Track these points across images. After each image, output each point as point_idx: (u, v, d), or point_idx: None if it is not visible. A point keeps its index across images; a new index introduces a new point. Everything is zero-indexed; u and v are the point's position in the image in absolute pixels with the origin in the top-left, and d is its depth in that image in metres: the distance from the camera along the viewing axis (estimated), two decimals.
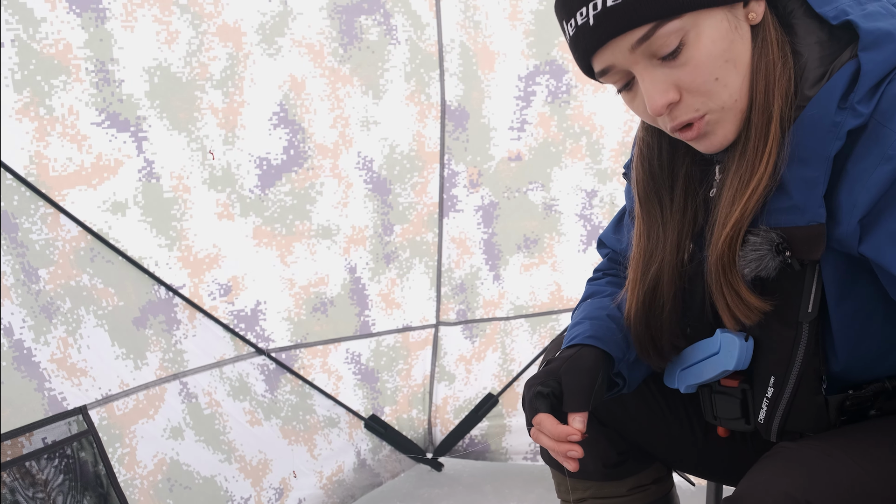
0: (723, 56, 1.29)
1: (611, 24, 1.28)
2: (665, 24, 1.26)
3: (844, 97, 1.25)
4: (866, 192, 1.23)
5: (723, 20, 1.29)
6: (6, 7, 2.28)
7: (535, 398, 1.52)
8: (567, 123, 3.12)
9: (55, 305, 2.46)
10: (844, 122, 1.24)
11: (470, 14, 2.98)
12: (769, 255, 1.33)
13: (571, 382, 1.51)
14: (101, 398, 2.55)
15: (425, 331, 3.26)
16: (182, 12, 2.57)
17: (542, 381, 1.53)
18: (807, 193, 1.29)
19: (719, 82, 1.31)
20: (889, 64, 1.25)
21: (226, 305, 2.83)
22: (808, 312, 1.37)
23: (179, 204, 2.68)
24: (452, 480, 3.33)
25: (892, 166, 1.20)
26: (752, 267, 1.35)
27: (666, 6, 1.25)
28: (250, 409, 2.92)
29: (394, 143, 3.01)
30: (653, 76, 1.31)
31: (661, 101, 1.31)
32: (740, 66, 1.32)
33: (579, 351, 1.57)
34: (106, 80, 2.48)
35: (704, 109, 1.33)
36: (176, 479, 2.71)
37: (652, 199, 1.54)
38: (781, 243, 1.33)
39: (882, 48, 1.25)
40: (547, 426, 1.48)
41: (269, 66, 2.74)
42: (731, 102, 1.33)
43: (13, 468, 2.36)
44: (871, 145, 1.23)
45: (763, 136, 1.32)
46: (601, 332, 1.60)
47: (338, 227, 2.98)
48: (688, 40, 1.28)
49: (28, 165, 2.39)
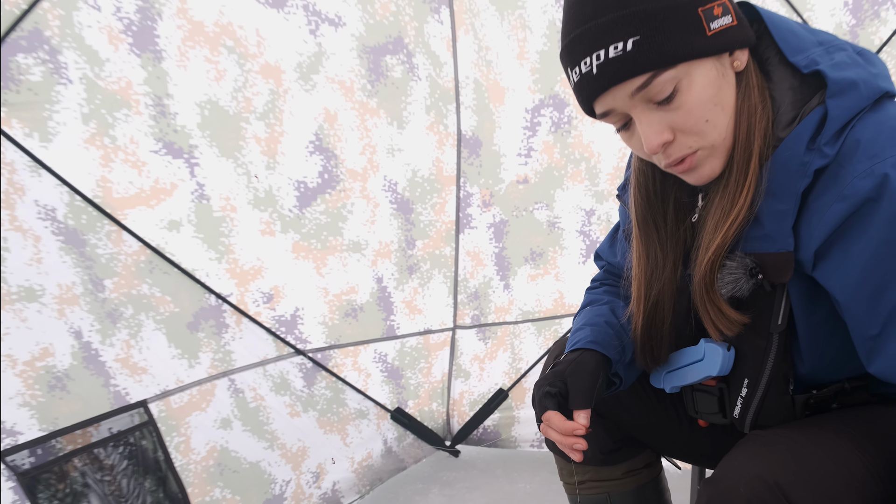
0: (712, 100, 1.31)
1: (612, 73, 1.29)
2: (661, 73, 1.27)
3: (813, 139, 1.28)
4: (822, 226, 1.27)
5: (712, 68, 1.30)
6: (76, 48, 2.33)
7: (544, 397, 1.54)
8: (568, 150, 3.14)
9: (119, 312, 2.50)
10: (812, 161, 1.26)
11: (483, 54, 3.00)
12: (744, 278, 1.36)
13: (576, 383, 1.53)
14: (159, 393, 2.60)
15: (444, 333, 3.28)
16: (229, 53, 2.60)
17: (550, 382, 1.55)
18: (778, 224, 1.32)
19: (709, 123, 1.32)
20: (853, 110, 1.27)
21: (268, 311, 2.87)
22: (777, 325, 1.40)
23: (227, 222, 2.71)
24: (468, 465, 3.34)
25: (846, 205, 1.23)
26: (729, 288, 1.38)
27: (662, 58, 1.26)
28: (290, 403, 2.95)
29: (416, 168, 3.04)
30: (650, 119, 1.32)
31: (657, 141, 1.32)
32: (727, 108, 1.33)
33: (582, 355, 1.59)
34: (162, 113, 2.52)
35: (696, 147, 1.34)
36: (225, 464, 2.75)
37: (649, 223, 1.54)
38: (755, 268, 1.35)
39: (847, 96, 1.27)
40: (555, 422, 1.50)
41: (306, 100, 2.77)
42: (719, 141, 1.34)
43: (83, 454, 2.40)
44: (831, 184, 1.25)
45: (744, 171, 1.34)
46: (600, 337, 1.63)
47: (366, 242, 3.01)
48: (681, 87, 1.29)
49: (94, 188, 2.43)
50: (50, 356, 2.36)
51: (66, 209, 2.39)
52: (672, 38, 1.26)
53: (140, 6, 2.43)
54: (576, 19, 1.31)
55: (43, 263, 2.34)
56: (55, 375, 2.37)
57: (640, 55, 1.26)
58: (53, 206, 2.36)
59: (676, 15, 1.26)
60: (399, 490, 3.18)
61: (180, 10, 2.49)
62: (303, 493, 2.95)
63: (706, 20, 1.28)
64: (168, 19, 2.48)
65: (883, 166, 1.21)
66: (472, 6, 2.95)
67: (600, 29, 1.27)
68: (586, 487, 1.88)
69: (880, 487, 1.31)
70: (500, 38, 3.00)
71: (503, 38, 3.00)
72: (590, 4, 1.29)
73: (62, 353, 2.39)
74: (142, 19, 2.44)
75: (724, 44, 1.30)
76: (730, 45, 1.32)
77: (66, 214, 2.39)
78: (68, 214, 2.39)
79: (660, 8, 1.25)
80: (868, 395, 1.49)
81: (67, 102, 2.35)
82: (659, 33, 1.25)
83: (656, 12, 1.25)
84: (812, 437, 1.35)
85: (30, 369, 2.32)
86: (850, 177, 1.23)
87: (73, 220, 2.40)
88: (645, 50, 1.26)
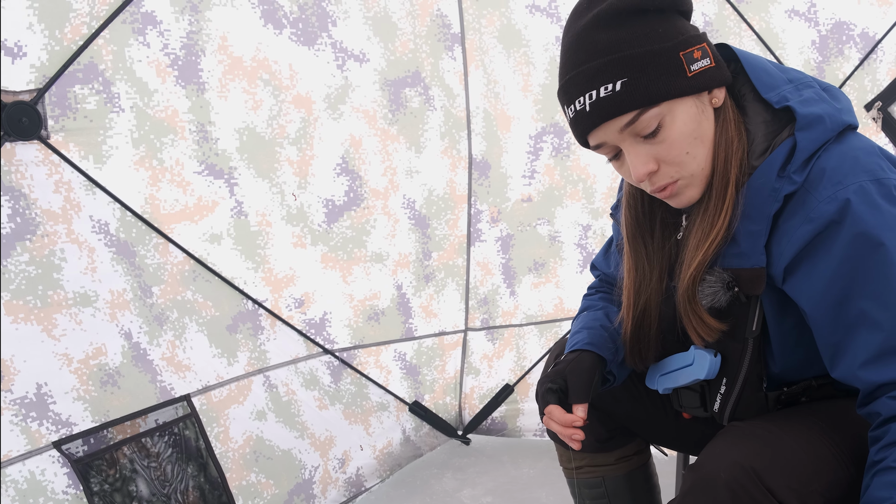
0: (692, 134, 1.30)
1: (603, 111, 1.28)
2: (647, 111, 1.27)
3: (783, 167, 1.28)
4: (791, 245, 1.27)
5: (692, 106, 1.30)
6: (127, 80, 2.22)
7: (547, 393, 1.52)
8: (567, 172, 3.04)
9: (165, 315, 2.39)
10: (782, 188, 1.27)
11: (491, 87, 2.91)
12: (722, 291, 1.35)
13: (575, 380, 1.51)
14: (201, 388, 2.48)
15: (456, 335, 3.15)
16: (265, 85, 2.49)
17: (552, 380, 1.54)
18: (752, 243, 1.32)
19: (689, 155, 1.31)
20: (819, 142, 1.27)
21: (299, 315, 2.74)
22: (752, 331, 1.39)
23: (263, 236, 2.59)
24: (478, 452, 3.23)
25: (812, 226, 1.23)
26: (709, 300, 1.37)
27: (647, 97, 1.26)
28: (319, 397, 2.82)
29: (431, 188, 2.92)
30: (637, 151, 1.31)
31: (643, 170, 1.32)
32: (706, 141, 1.32)
33: (580, 355, 1.57)
34: (205, 138, 2.41)
35: (678, 176, 1.33)
36: (260, 452, 2.62)
37: (638, 240, 1.52)
38: (731, 282, 1.35)
39: (814, 129, 1.27)
40: (556, 415, 1.48)
41: (334, 127, 2.66)
42: (698, 171, 1.33)
43: (132, 443, 2.32)
44: (799, 208, 1.26)
45: (722, 197, 1.33)
46: (596, 339, 1.59)
47: (388, 254, 2.89)
48: (665, 123, 1.29)
49: (143, 205, 2.32)
50: (102, 355, 2.25)
51: (118, 224, 2.28)
52: (656, 80, 1.26)
53: (185, 43, 2.32)
54: (570, 63, 1.32)
55: (97, 272, 2.24)
56: (107, 372, 2.26)
57: (628, 95, 1.26)
58: (106, 221, 2.26)
59: (660, 59, 1.27)
60: (416, 474, 3.07)
61: (221, 47, 2.39)
62: (330, 477, 2.82)
63: (687, 63, 1.28)
64: (210, 55, 2.37)
65: (845, 192, 1.21)
66: (481, 44, 2.86)
67: (592, 72, 1.28)
68: (583, 472, 1.86)
69: (845, 472, 1.30)
70: (506, 73, 2.91)
71: (509, 73, 2.91)
72: (583, 50, 1.29)
73: (114, 353, 2.27)
74: (187, 55, 2.33)
75: (703, 83, 1.30)
76: (708, 85, 1.31)
77: (118, 228, 2.28)
78: (119, 228, 2.28)
79: (645, 53, 1.26)
80: (833, 390, 1.48)
81: (119, 129, 2.25)
82: (644, 75, 1.26)
83: (642, 56, 1.26)
84: (784, 428, 1.33)
85: (84, 367, 2.21)
86: (815, 201, 1.23)
87: (124, 234, 2.29)
88: (632, 90, 1.26)
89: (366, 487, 2.95)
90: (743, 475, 1.24)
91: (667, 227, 1.51)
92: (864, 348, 1.23)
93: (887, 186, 1.22)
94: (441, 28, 2.79)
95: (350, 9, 2.60)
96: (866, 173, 1.23)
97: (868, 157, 1.25)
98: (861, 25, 2.82)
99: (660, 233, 1.51)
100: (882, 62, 2.82)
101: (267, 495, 2.61)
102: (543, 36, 2.88)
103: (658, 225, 1.52)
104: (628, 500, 1.87)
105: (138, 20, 2.23)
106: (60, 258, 2.15)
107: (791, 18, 2.86)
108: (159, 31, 2.27)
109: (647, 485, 1.91)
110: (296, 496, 2.69)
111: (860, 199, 1.21)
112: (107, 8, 2.16)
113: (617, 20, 1.27)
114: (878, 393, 1.23)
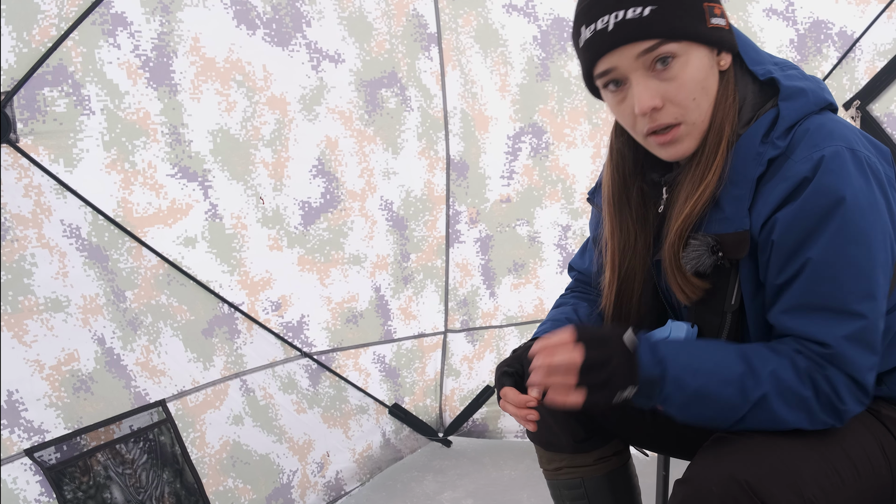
0: (700, 83, 1.34)
1: (628, 32, 1.30)
2: (668, 43, 1.30)
3: (766, 134, 1.34)
4: (766, 204, 1.32)
5: (705, 57, 1.34)
6: (98, 83, 2.20)
7: (502, 376, 1.55)
8: (546, 173, 3.04)
9: (139, 320, 2.38)
10: (766, 152, 1.32)
11: (469, 87, 2.91)
12: (706, 254, 1.36)
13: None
14: (176, 393, 2.46)
15: (436, 337, 3.15)
16: (238, 86, 2.48)
17: (508, 364, 1.57)
18: (735, 207, 1.35)
19: (695, 102, 1.34)
20: (801, 112, 1.34)
21: (276, 318, 2.73)
22: (731, 305, 1.40)
23: (238, 238, 2.58)
24: (459, 454, 3.23)
25: (787, 184, 1.29)
26: (693, 264, 1.38)
27: (672, 30, 1.30)
28: (297, 400, 2.81)
29: (409, 189, 2.92)
30: (647, 84, 1.32)
31: (649, 103, 1.32)
32: (710, 95, 1.36)
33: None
34: (178, 141, 2.40)
35: (680, 119, 1.35)
36: (237, 457, 2.60)
37: (623, 199, 1.53)
38: (715, 245, 1.36)
39: (796, 100, 1.34)
40: (510, 397, 1.50)
41: (309, 128, 2.66)
42: (699, 121, 1.36)
43: (106, 450, 2.30)
44: (777, 170, 1.31)
45: (714, 152, 1.36)
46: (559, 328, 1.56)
47: (365, 256, 2.88)
48: (679, 62, 1.31)
49: (115, 209, 2.31)
50: (75, 361, 2.23)
51: (90, 228, 2.27)
52: (682, 17, 1.30)
53: (157, 44, 2.32)
54: None
55: (69, 277, 2.22)
56: (80, 378, 2.24)
57: (655, 22, 1.29)
58: (78, 225, 2.24)
59: (687, 0, 1.31)
60: (396, 477, 3.07)
61: (193, 48, 2.38)
62: (308, 481, 2.81)
63: (708, 14, 1.33)
64: (182, 56, 2.37)
65: (820, 153, 1.27)
66: (458, 44, 2.86)
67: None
68: (562, 473, 1.82)
69: (837, 478, 1.30)
70: (484, 73, 2.91)
71: (487, 73, 2.91)
72: None
73: (86, 358, 2.25)
74: (158, 56, 2.32)
75: (718, 39, 1.35)
76: (721, 44, 1.36)
77: (90, 232, 2.27)
78: (91, 232, 2.27)
79: None
80: None
81: (90, 131, 2.24)
82: (673, 9, 1.29)
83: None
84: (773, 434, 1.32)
85: (56, 373, 2.19)
86: (792, 162, 1.29)
87: (96, 238, 2.28)
88: (659, 19, 1.29)
89: (345, 491, 2.94)
90: (736, 489, 1.22)
91: (647, 197, 1.53)
92: (794, 296, 1.31)
93: (860, 157, 1.29)
94: (417, 28, 2.78)
95: (324, 9, 2.60)
96: (843, 141, 1.29)
97: (846, 130, 1.32)
98: (839, 24, 2.83)
99: (640, 201, 1.53)
100: (860, 61, 2.83)
101: (245, 500, 2.60)
102: (521, 35, 2.88)
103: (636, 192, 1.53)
104: (608, 501, 1.85)
105: (108, 21, 2.22)
106: (31, 263, 2.13)
107: (769, 17, 2.86)
108: (130, 33, 2.26)
109: (627, 486, 1.90)
110: (274, 501, 2.68)
111: (832, 159, 1.27)
112: (76, 9, 2.15)
113: None
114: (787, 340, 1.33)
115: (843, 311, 1.29)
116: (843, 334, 1.28)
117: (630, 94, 1.35)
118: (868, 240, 1.27)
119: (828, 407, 1.30)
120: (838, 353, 1.28)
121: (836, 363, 1.29)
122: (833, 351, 1.28)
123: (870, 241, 1.28)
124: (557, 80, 2.93)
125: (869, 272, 1.28)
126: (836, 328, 1.28)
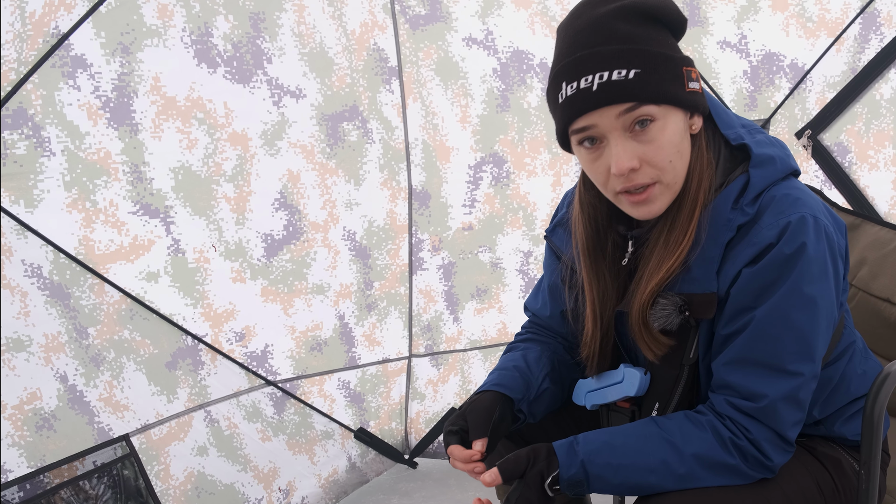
0: (677, 146, 1.35)
1: (612, 93, 1.31)
2: (649, 105, 1.31)
3: (736, 201, 1.37)
4: (733, 267, 1.36)
5: (681, 121, 1.36)
6: (58, 124, 2.22)
7: (447, 435, 1.56)
8: (507, 201, 3.09)
9: (102, 356, 2.40)
10: (735, 218, 1.36)
11: (430, 118, 2.95)
12: (674, 314, 1.39)
13: (474, 418, 1.55)
14: (140, 427, 2.49)
15: (400, 362, 3.18)
16: (200, 124, 2.51)
17: (452, 423, 1.57)
18: (704, 269, 1.38)
19: (671, 164, 1.36)
20: (769, 179, 1.37)
21: (241, 348, 2.75)
22: (689, 358, 1.44)
23: (201, 272, 2.61)
24: (424, 476, 3.26)
25: (753, 249, 1.33)
26: (661, 322, 1.40)
27: (655, 94, 1.31)
28: (262, 429, 2.83)
29: (372, 219, 2.95)
30: (625, 144, 1.33)
31: (627, 164, 1.33)
32: (684, 158, 1.38)
33: (480, 396, 1.60)
34: (139, 179, 2.42)
35: (657, 179, 1.36)
36: (202, 487, 2.63)
37: (597, 250, 1.54)
38: (683, 305, 1.39)
39: (766, 168, 1.38)
40: (457, 454, 1.51)
41: (271, 163, 2.68)
42: (674, 182, 1.38)
43: (70, 487, 2.31)
44: (745, 234, 1.35)
45: (689, 217, 1.39)
46: (504, 380, 1.62)
47: (329, 285, 2.91)
48: (658, 125, 1.33)
49: (77, 247, 2.33)
50: (38, 399, 2.25)
51: (52, 266, 2.29)
52: (664, 82, 1.32)
53: (117, 85, 2.34)
54: (581, 44, 1.34)
55: (30, 316, 2.24)
56: (42, 416, 2.26)
57: (638, 86, 1.30)
58: (39, 265, 2.26)
59: (670, 65, 1.33)
60: (363, 501, 3.09)
61: (154, 87, 2.41)
62: None
63: (686, 79, 1.36)
64: (143, 96, 2.39)
65: (787, 218, 1.31)
66: (419, 77, 2.90)
67: (609, 54, 1.31)
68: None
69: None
70: (444, 105, 2.95)
71: (447, 105, 2.95)
72: (600, 34, 1.32)
73: (49, 396, 2.27)
74: (118, 97, 2.35)
75: (693, 103, 1.37)
76: (695, 107, 1.39)
77: (52, 271, 2.29)
78: (53, 271, 2.29)
79: (659, 54, 1.32)
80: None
81: (51, 172, 2.26)
82: (656, 73, 1.31)
83: (657, 56, 1.32)
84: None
85: (18, 412, 2.21)
86: (759, 228, 1.33)
87: (58, 276, 2.30)
88: (643, 83, 1.30)
89: None
90: None
91: (617, 248, 1.55)
92: (736, 349, 1.36)
93: (820, 226, 1.34)
94: (378, 62, 2.82)
95: (285, 45, 2.62)
96: (808, 209, 1.33)
97: (809, 199, 1.36)
98: (790, 56, 2.89)
99: (613, 252, 1.55)
100: (811, 91, 2.89)
101: None
102: (480, 68, 2.92)
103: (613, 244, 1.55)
104: None
105: (68, 64, 2.24)
106: None
107: (723, 49, 2.93)
108: (90, 74, 2.28)
109: None
110: None
111: (797, 226, 1.31)
112: (35, 53, 2.17)
113: (636, 18, 1.32)
114: (722, 392, 1.39)
115: (780, 369, 1.34)
116: (778, 392, 1.34)
117: (606, 154, 1.36)
118: (814, 307, 1.33)
119: (757, 465, 1.37)
120: (770, 409, 1.34)
121: (765, 418, 1.35)
122: (765, 406, 1.34)
123: (816, 307, 1.33)
124: (517, 111, 2.98)
125: (810, 336, 1.34)
126: (772, 385, 1.34)
